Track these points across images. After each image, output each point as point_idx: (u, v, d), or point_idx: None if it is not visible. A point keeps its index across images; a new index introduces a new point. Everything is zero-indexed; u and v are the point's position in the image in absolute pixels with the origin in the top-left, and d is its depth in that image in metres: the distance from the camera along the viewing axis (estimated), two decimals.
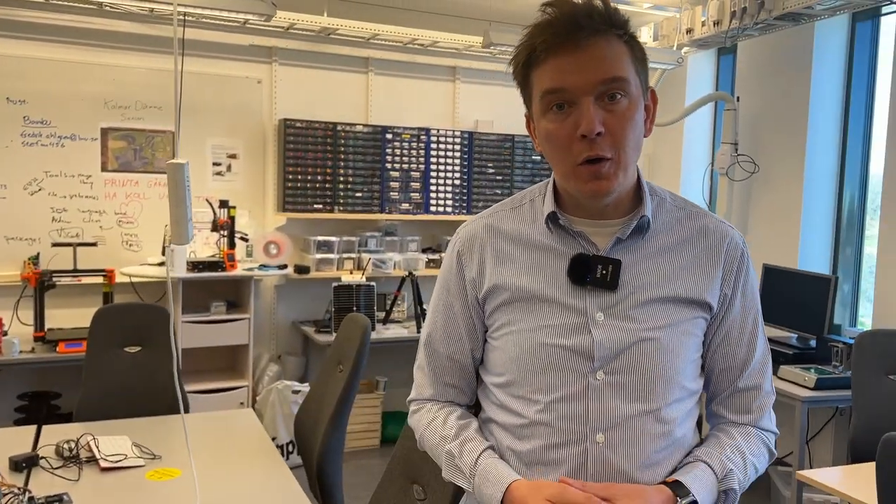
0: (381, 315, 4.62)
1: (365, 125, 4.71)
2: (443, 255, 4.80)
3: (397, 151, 4.80)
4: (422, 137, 4.85)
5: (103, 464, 2.19)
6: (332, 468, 2.37)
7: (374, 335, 4.38)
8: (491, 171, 5.06)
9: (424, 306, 4.67)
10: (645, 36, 4.89)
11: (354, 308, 4.36)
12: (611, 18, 1.11)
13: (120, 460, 2.21)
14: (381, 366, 4.64)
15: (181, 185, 1.71)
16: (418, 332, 4.47)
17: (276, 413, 4.09)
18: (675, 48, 4.62)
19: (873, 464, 2.47)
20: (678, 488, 1.10)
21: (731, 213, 4.78)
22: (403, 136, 4.81)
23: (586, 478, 1.14)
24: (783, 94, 4.48)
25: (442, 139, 4.91)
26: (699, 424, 1.26)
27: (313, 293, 4.75)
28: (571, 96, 1.10)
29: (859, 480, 2.31)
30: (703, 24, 4.35)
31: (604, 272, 1.16)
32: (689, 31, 4.45)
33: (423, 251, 4.97)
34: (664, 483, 1.12)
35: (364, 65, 4.84)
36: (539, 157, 5.18)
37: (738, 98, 4.70)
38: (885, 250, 3.87)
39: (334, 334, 4.29)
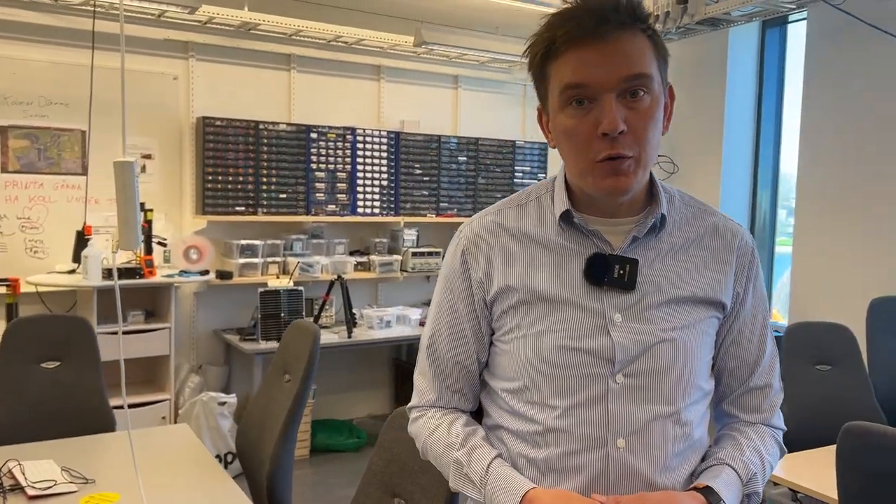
0: (310, 320, 4.47)
1: (288, 124, 4.56)
2: (371, 257, 4.75)
3: (322, 151, 4.67)
4: (347, 137, 4.74)
5: (31, 492, 1.99)
6: (284, 483, 2.25)
7: None
8: (418, 171, 5.01)
9: (354, 310, 4.56)
10: None
11: (282, 314, 4.20)
12: (635, 12, 1.07)
13: (49, 487, 2.02)
14: None
15: (130, 184, 1.57)
16: (349, 336, 4.37)
17: (201, 426, 3.88)
18: None
19: (809, 451, 2.58)
20: (710, 494, 1.08)
21: None
22: (329, 135, 4.68)
23: (608, 484, 1.10)
24: (700, 96, 4.64)
25: (368, 139, 4.81)
26: None
27: (236, 300, 4.55)
28: (593, 92, 1.06)
29: (797, 467, 2.40)
30: None
31: (621, 272, 1.12)
32: None
33: (351, 254, 4.86)
34: (695, 489, 1.09)
35: (286, 62, 4.68)
36: (465, 159, 5.17)
37: None
38: (800, 247, 4.07)
39: (262, 342, 4.14)
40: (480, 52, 4.43)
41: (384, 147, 4.87)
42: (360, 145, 4.79)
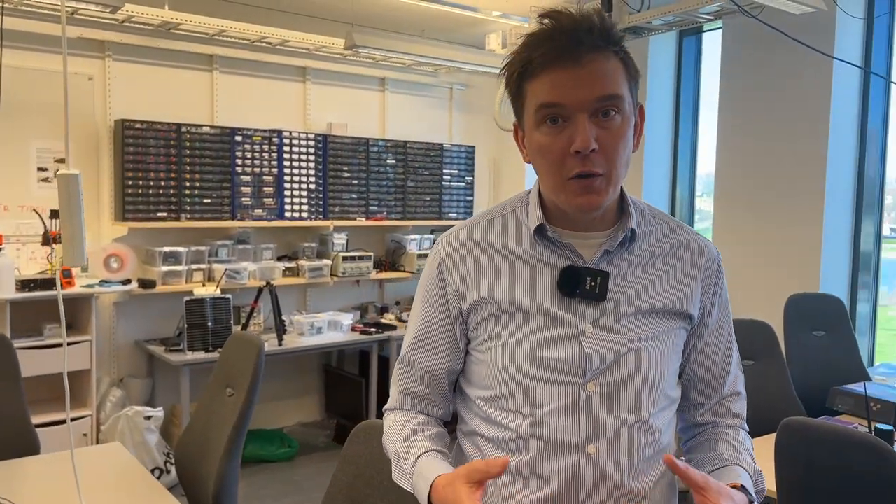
0: (238, 329, 4.35)
1: (212, 126, 4.42)
2: (300, 262, 4.68)
3: (248, 154, 4.55)
4: (273, 140, 4.64)
5: None
6: (230, 500, 2.19)
7: None
8: (347, 175, 4.95)
9: (284, 317, 4.48)
10: (493, 44, 5.01)
11: (209, 323, 4.07)
12: (609, 35, 1.10)
13: None
14: None
15: (75, 197, 1.49)
16: (280, 344, 4.29)
17: (126, 442, 3.72)
18: None
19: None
20: (746, 492, 1.12)
21: None
22: (254, 138, 4.57)
23: (578, 489, 1.13)
24: None
25: (295, 142, 4.73)
26: None
27: (159, 309, 4.38)
28: (567, 112, 1.09)
29: None
30: None
31: (593, 284, 1.15)
32: None
33: (279, 259, 4.76)
34: (732, 485, 1.13)
35: (208, 62, 4.54)
36: (393, 162, 5.15)
37: None
38: (718, 244, 4.25)
39: (189, 353, 4.01)
40: (411, 55, 4.43)
41: (311, 150, 4.80)
42: (286, 148, 4.70)
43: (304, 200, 4.79)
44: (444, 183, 5.40)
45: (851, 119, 3.84)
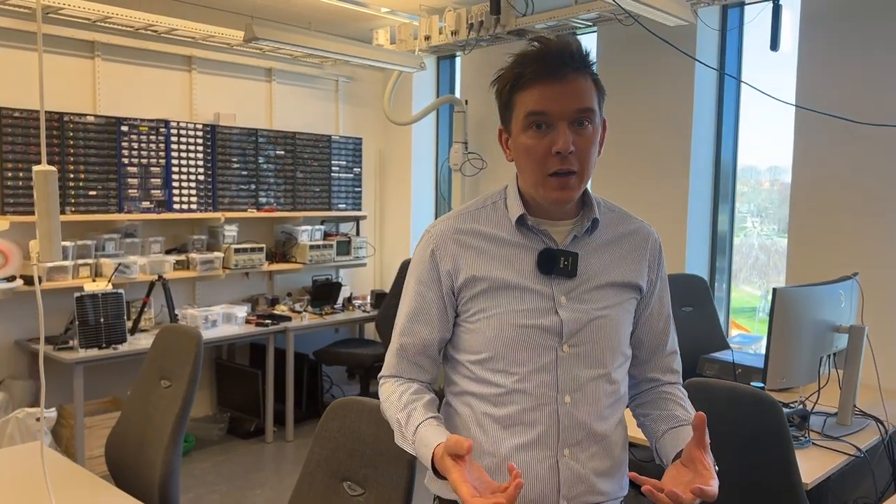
0: (130, 325, 4.23)
1: (97, 116, 4.25)
2: (191, 255, 4.61)
3: (134, 145, 4.42)
4: (161, 130, 4.53)
5: None
6: (175, 488, 2.23)
7: (125, 347, 4.04)
8: (236, 166, 4.91)
9: (177, 311, 4.40)
10: (382, 39, 5.14)
11: (101, 319, 3.95)
12: (586, 60, 1.33)
13: None
14: (133, 379, 4.25)
15: (52, 194, 1.50)
16: None
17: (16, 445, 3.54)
18: (416, 52, 4.94)
19: None
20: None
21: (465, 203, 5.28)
22: (140, 128, 4.44)
23: (557, 432, 1.34)
24: None
25: (182, 132, 4.63)
26: None
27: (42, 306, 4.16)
28: (551, 119, 1.30)
29: None
30: (441, 31, 4.74)
31: (566, 263, 1.37)
32: (427, 37, 4.80)
33: (168, 252, 4.66)
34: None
35: (89, 49, 4.36)
36: (283, 153, 5.16)
37: (466, 101, 5.21)
38: None
39: (81, 350, 3.87)
40: (309, 49, 4.45)
41: (200, 140, 4.72)
42: (174, 139, 4.59)
43: (193, 192, 4.71)
44: (332, 174, 5.47)
45: (710, 115, 4.32)
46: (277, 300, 5.28)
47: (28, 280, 3.91)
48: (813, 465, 2.46)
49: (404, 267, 5.02)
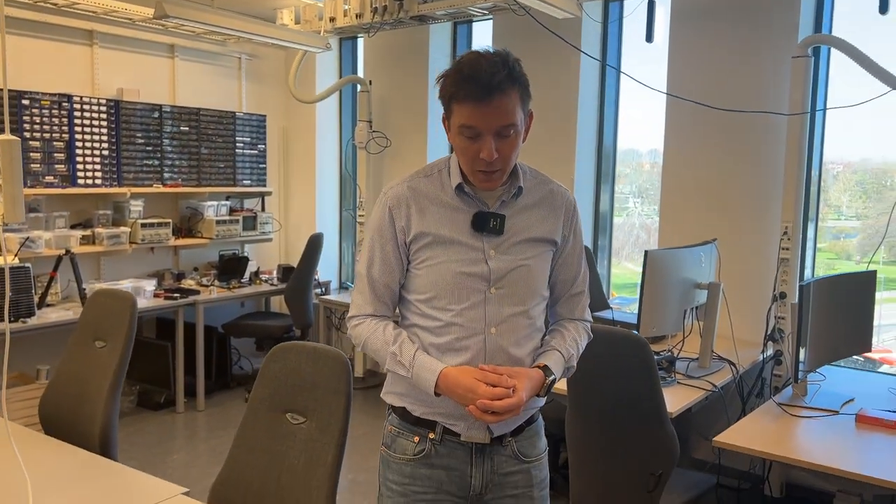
0: (37, 299, 4.24)
1: None
2: (97, 230, 4.65)
3: (36, 119, 4.39)
4: (63, 105, 4.51)
5: None
6: (115, 439, 2.40)
7: (34, 320, 4.07)
8: (140, 141, 4.94)
9: (84, 286, 4.44)
10: (287, 18, 5.27)
11: (10, 293, 3.95)
12: (513, 75, 1.58)
13: None
14: (42, 353, 4.28)
15: (17, 161, 1.67)
16: None
17: None
18: (321, 34, 5.11)
19: None
20: (546, 371, 1.68)
21: (370, 180, 5.53)
22: (42, 102, 4.41)
23: (484, 356, 1.66)
24: (407, 80, 5.34)
25: (86, 107, 4.63)
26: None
27: None
28: (478, 132, 1.58)
29: None
30: (346, 14, 4.93)
31: (495, 223, 1.67)
32: (332, 18, 4.99)
33: (73, 227, 4.65)
34: (537, 367, 1.68)
35: None
36: (187, 129, 5.22)
37: (370, 82, 5.43)
38: None
39: None
40: (222, 29, 4.55)
41: (104, 115, 4.73)
42: (77, 113, 4.59)
43: (98, 167, 4.72)
44: (237, 150, 5.57)
45: (593, 102, 4.76)
46: (184, 275, 5.36)
47: None
48: (677, 399, 2.91)
49: (312, 241, 5.24)
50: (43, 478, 1.96)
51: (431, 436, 1.69)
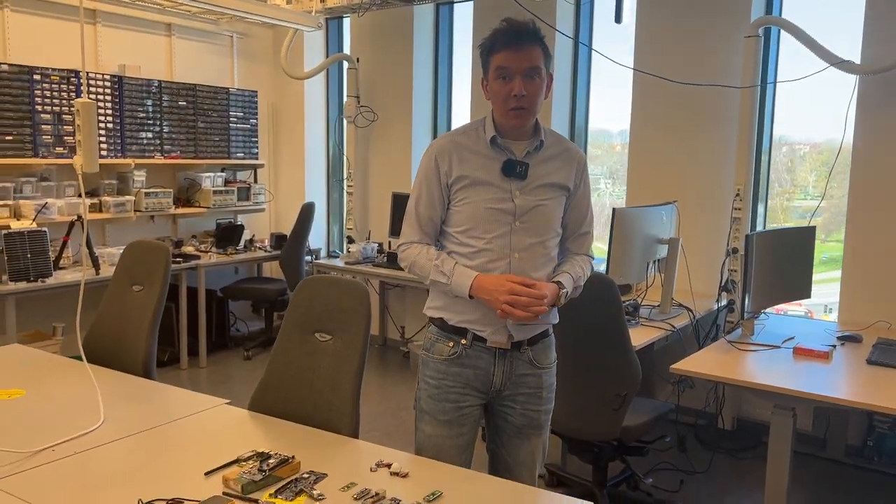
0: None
1: (10, 65, 4.47)
2: (104, 198, 4.95)
3: (47, 93, 4.67)
4: (71, 80, 4.79)
5: None
6: (154, 366, 2.75)
7: (51, 280, 4.38)
8: (142, 115, 5.23)
9: (97, 250, 4.75)
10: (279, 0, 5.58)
11: (29, 255, 4.26)
12: (536, 35, 2.01)
13: None
14: (56, 312, 4.59)
15: (93, 120, 2.01)
16: (98, 274, 4.58)
17: None
18: (314, 13, 5.42)
19: None
20: (560, 286, 2.08)
21: (358, 152, 5.88)
22: (52, 77, 4.69)
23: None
24: (393, 58, 5.68)
25: (92, 82, 4.91)
26: None
27: None
28: (511, 73, 1.99)
29: None
30: None
31: (520, 169, 2.07)
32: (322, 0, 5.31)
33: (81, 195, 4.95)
34: (553, 281, 2.08)
35: None
36: (185, 103, 5.51)
37: (357, 59, 5.76)
38: None
39: (11, 283, 4.18)
40: (223, 9, 4.85)
41: (108, 90, 5.01)
42: (84, 88, 4.85)
43: (103, 139, 5.01)
44: (231, 124, 5.87)
45: (566, 81, 5.14)
46: (182, 242, 5.68)
47: None
48: (640, 336, 3.34)
49: (305, 210, 5.58)
50: (105, 394, 2.32)
51: (464, 342, 2.09)
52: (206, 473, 1.75)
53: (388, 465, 1.83)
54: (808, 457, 3.96)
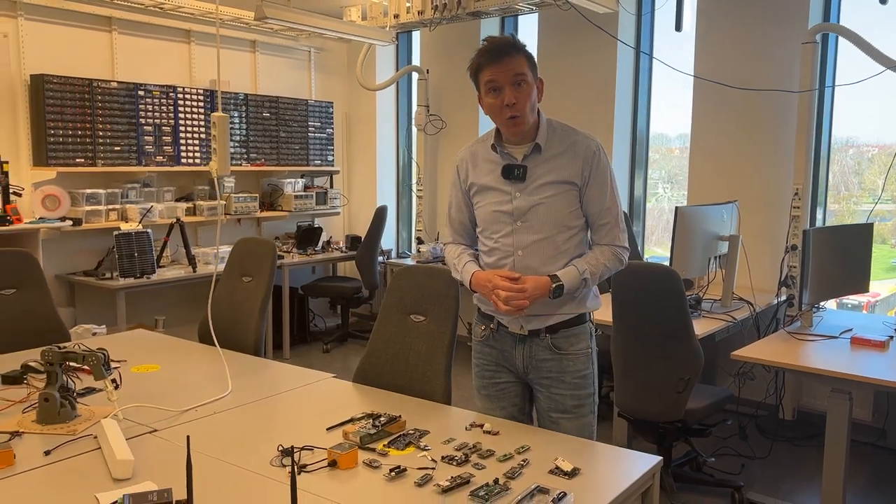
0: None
1: (119, 82, 4.95)
2: (198, 202, 5.37)
3: (149, 107, 5.14)
4: (170, 95, 5.25)
5: None
6: (263, 349, 3.11)
7: (155, 277, 4.82)
8: (231, 126, 5.67)
9: (193, 250, 5.19)
10: (354, 15, 5.95)
11: (136, 253, 4.71)
12: (517, 45, 2.17)
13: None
14: (158, 305, 5.04)
15: (226, 131, 2.36)
16: (195, 271, 5.01)
17: None
18: (388, 28, 5.78)
19: None
20: (554, 278, 2.16)
21: (427, 158, 6.21)
22: (154, 93, 5.15)
23: (515, 271, 2.25)
24: (460, 69, 5.94)
25: (187, 97, 5.37)
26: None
27: (75, 246, 4.89)
28: (500, 84, 2.17)
29: None
30: (408, 11, 5.60)
31: (518, 172, 2.26)
32: (395, 15, 5.66)
33: (177, 200, 5.40)
34: (550, 275, 2.24)
35: (107, 24, 5.03)
36: (268, 115, 5.93)
37: (427, 71, 6.10)
38: None
39: (121, 279, 4.63)
40: (312, 28, 5.26)
41: (201, 104, 5.47)
42: (180, 102, 5.33)
43: (197, 148, 5.46)
44: (310, 133, 6.28)
45: (628, 88, 5.37)
46: None
47: (76, 221, 4.62)
48: (703, 327, 3.55)
49: (378, 213, 5.93)
50: (230, 367, 2.67)
51: (492, 326, 2.32)
52: (328, 429, 2.07)
53: (481, 426, 2.11)
54: (868, 446, 4.09)
